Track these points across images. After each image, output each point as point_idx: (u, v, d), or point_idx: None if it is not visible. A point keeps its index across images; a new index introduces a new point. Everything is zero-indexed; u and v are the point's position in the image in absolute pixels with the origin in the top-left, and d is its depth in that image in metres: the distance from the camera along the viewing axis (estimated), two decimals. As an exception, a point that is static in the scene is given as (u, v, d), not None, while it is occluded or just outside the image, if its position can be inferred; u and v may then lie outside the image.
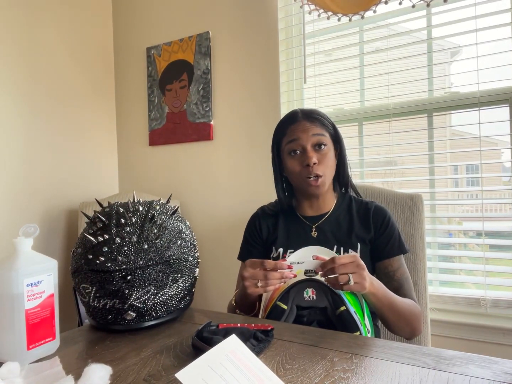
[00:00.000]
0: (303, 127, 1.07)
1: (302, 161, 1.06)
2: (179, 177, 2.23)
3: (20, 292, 0.68)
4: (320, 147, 1.07)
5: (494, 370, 0.62)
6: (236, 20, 2.01)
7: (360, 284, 0.84)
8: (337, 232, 1.10)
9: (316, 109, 1.14)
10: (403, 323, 0.97)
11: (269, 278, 0.87)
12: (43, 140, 2.05)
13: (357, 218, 1.11)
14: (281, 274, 0.87)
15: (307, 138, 1.06)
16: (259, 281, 0.87)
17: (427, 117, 1.66)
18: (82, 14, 2.25)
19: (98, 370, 0.60)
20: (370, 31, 1.78)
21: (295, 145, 1.07)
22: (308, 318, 0.89)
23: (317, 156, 1.06)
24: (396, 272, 1.05)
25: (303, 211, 1.16)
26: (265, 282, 0.87)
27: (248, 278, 0.89)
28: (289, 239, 1.12)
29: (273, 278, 0.87)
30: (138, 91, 2.36)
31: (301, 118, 1.09)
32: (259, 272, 0.88)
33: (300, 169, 1.07)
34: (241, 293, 0.98)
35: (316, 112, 1.11)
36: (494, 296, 1.53)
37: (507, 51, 1.49)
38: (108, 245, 0.81)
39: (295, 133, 1.08)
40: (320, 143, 1.06)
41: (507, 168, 1.63)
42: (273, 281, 0.87)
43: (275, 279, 0.87)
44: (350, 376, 0.61)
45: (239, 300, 1.02)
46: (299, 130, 1.07)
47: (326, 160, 1.07)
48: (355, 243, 1.07)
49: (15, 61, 1.93)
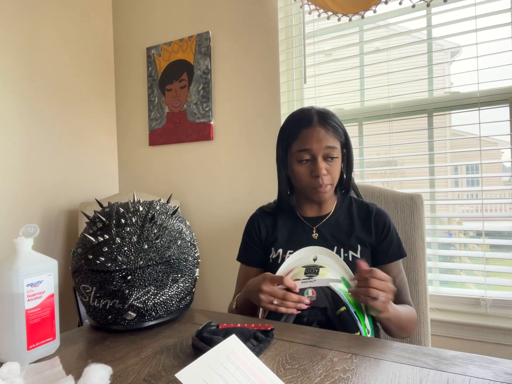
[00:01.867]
0: (317, 136, 1.04)
1: (311, 170, 1.05)
2: (179, 177, 2.23)
3: (20, 292, 0.68)
4: (331, 159, 1.05)
5: (494, 370, 0.62)
6: (236, 20, 2.01)
7: (384, 306, 0.85)
8: (338, 233, 1.09)
9: (330, 111, 1.09)
10: (403, 332, 0.99)
11: (287, 299, 0.87)
12: (43, 140, 2.05)
13: (358, 220, 1.11)
14: (299, 297, 0.87)
15: (320, 149, 1.04)
16: (275, 299, 0.87)
17: (427, 117, 1.66)
18: (82, 14, 2.25)
19: (98, 370, 0.60)
20: (370, 31, 1.78)
21: (306, 154, 1.05)
22: (308, 319, 0.89)
23: (326, 166, 1.05)
24: (396, 278, 1.06)
25: (304, 211, 1.15)
26: (282, 302, 0.87)
27: (266, 293, 0.88)
28: (289, 240, 1.12)
29: (291, 300, 0.87)
30: (138, 91, 2.36)
31: (316, 123, 1.05)
32: (279, 291, 0.87)
33: (308, 178, 1.06)
34: (246, 299, 0.98)
35: (330, 116, 1.07)
36: (494, 296, 1.53)
37: (507, 51, 1.49)
38: (108, 245, 0.81)
39: (309, 141, 1.04)
40: (331, 156, 1.05)
41: (507, 168, 1.63)
42: (289, 303, 0.87)
43: (292, 303, 0.87)
44: (350, 376, 0.61)
45: (242, 305, 1.02)
46: (313, 139, 1.04)
47: (335, 170, 1.06)
48: (355, 245, 1.07)
49: (15, 61, 1.93)
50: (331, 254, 0.97)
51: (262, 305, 0.89)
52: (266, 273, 0.92)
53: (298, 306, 0.87)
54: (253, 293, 0.92)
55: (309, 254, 0.97)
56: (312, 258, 0.96)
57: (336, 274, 0.91)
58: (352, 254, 1.05)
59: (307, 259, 0.96)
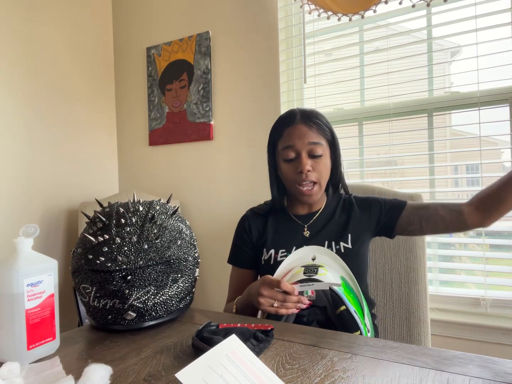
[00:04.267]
0: (299, 133, 1.05)
1: (296, 167, 1.06)
2: (179, 177, 2.23)
3: (20, 292, 0.68)
4: (317, 156, 1.06)
5: (494, 370, 0.62)
6: (236, 20, 2.01)
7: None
8: (328, 228, 1.10)
9: (315, 110, 1.12)
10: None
11: (287, 302, 0.87)
12: (43, 140, 2.05)
13: (347, 211, 1.12)
14: (298, 298, 0.87)
15: (303, 145, 1.05)
16: (275, 301, 0.87)
17: (427, 117, 1.66)
18: (82, 14, 2.25)
19: (98, 370, 0.60)
20: (370, 31, 1.78)
21: (290, 152, 1.06)
22: (308, 318, 0.89)
23: (311, 163, 1.05)
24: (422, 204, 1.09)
25: (295, 210, 1.16)
26: (282, 304, 0.87)
27: (265, 297, 0.89)
28: (280, 240, 1.12)
29: (291, 302, 0.87)
30: (138, 91, 2.36)
31: (298, 121, 1.07)
32: (279, 295, 0.87)
33: (293, 175, 1.07)
34: (247, 303, 0.98)
35: (314, 115, 1.09)
36: (494, 296, 1.53)
37: (507, 51, 1.49)
38: (108, 245, 0.81)
39: (291, 138, 1.06)
40: (315, 153, 1.05)
41: (507, 168, 1.63)
42: (289, 305, 0.87)
43: (292, 303, 0.87)
44: (350, 376, 0.61)
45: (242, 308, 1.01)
46: (295, 136, 1.05)
47: (321, 167, 1.06)
48: (346, 235, 1.08)
49: (15, 61, 1.93)
50: (329, 253, 0.97)
51: (262, 308, 0.89)
52: (265, 277, 0.92)
53: (297, 306, 0.87)
54: (254, 297, 0.92)
55: (307, 253, 0.97)
56: (311, 257, 0.96)
57: (335, 274, 0.91)
58: (343, 245, 1.07)
59: (306, 259, 0.96)
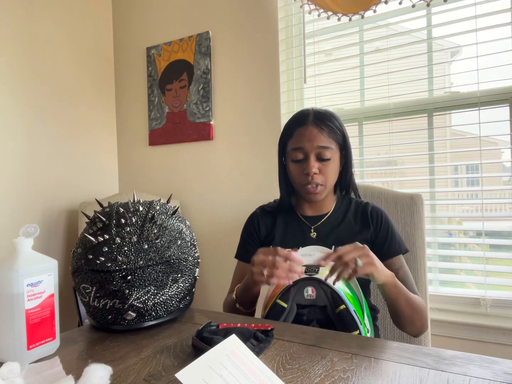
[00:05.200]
0: (310, 135, 1.04)
1: (303, 168, 1.06)
2: (179, 177, 2.23)
3: (20, 292, 0.68)
4: (325, 160, 1.05)
5: (494, 370, 0.62)
6: (236, 20, 2.01)
7: (370, 263, 0.86)
8: (336, 232, 1.10)
9: (329, 112, 1.09)
10: (416, 316, 0.97)
11: (278, 267, 0.85)
12: (43, 140, 2.05)
13: (356, 218, 1.11)
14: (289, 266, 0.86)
15: (311, 148, 1.04)
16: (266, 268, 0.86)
17: (427, 117, 1.66)
18: (82, 14, 2.25)
19: (98, 370, 0.60)
20: (370, 31, 1.78)
21: (299, 153, 1.06)
22: (307, 317, 0.89)
23: (318, 165, 1.05)
24: (399, 270, 1.05)
25: (303, 211, 1.16)
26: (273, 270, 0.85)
27: (257, 264, 0.88)
28: (287, 238, 1.12)
29: (281, 267, 0.85)
30: (138, 91, 2.36)
31: (310, 122, 1.05)
32: (269, 260, 0.87)
33: (300, 176, 1.07)
34: (245, 287, 0.98)
35: (328, 117, 1.07)
36: (494, 296, 1.53)
37: (507, 51, 1.49)
38: (108, 245, 0.81)
39: (301, 140, 1.05)
40: (323, 157, 1.04)
41: (507, 168, 1.63)
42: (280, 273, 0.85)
43: (284, 271, 0.85)
44: (350, 376, 0.61)
45: (241, 293, 1.02)
46: (305, 138, 1.04)
47: (328, 171, 1.06)
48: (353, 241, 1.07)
49: (15, 61, 1.93)
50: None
51: (254, 278, 0.88)
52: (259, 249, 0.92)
53: (289, 275, 0.86)
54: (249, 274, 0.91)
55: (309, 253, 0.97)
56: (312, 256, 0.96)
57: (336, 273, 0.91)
58: None
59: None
